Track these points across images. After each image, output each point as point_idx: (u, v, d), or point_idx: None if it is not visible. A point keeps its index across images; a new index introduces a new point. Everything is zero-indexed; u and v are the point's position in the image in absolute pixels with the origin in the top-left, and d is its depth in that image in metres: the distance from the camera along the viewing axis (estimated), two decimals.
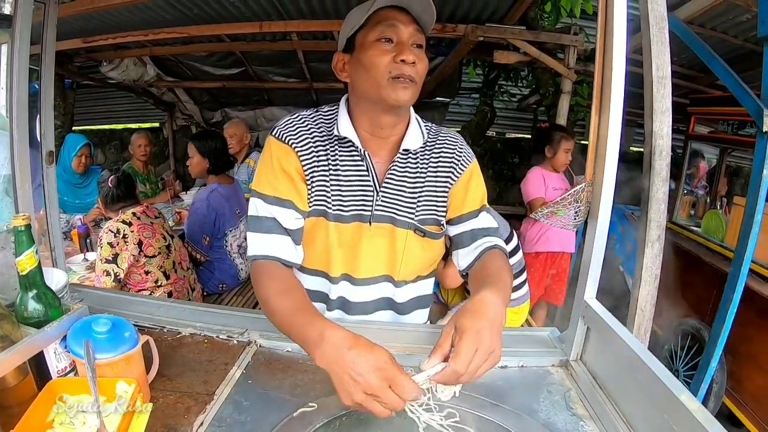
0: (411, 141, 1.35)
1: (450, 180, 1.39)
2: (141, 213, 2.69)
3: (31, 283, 1.00)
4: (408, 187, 1.36)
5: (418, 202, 1.36)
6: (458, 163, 1.40)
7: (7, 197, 1.37)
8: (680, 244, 3.92)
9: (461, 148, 1.42)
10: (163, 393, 1.05)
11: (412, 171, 1.36)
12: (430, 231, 1.39)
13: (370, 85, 1.24)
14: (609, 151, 1.15)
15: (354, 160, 1.33)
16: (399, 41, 1.22)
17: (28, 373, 0.95)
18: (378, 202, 1.34)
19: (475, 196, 1.44)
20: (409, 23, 1.22)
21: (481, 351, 0.98)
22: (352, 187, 1.33)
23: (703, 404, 0.81)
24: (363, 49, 1.24)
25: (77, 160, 3.98)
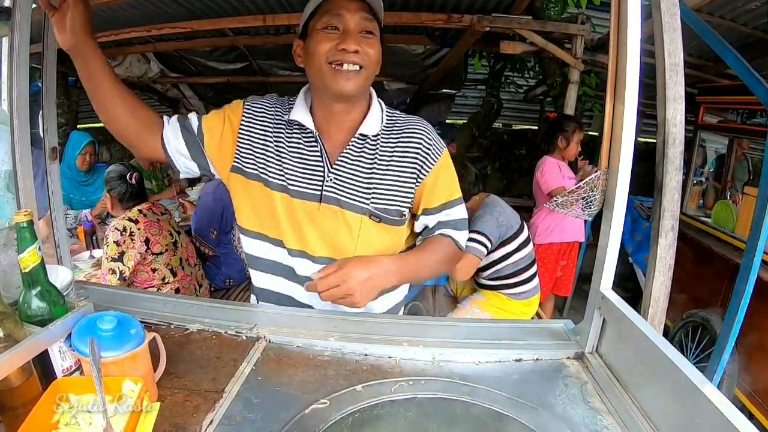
0: (369, 126, 1.36)
1: (419, 173, 1.39)
2: (147, 210, 2.68)
3: (34, 281, 0.98)
4: (362, 173, 1.36)
5: (375, 189, 1.37)
6: (427, 157, 1.39)
7: (8, 193, 1.36)
8: (690, 235, 3.88)
9: (429, 139, 1.41)
10: (170, 391, 1.03)
11: (369, 156, 1.37)
12: (388, 218, 1.39)
13: (315, 72, 1.29)
14: (624, 140, 1.12)
15: (308, 142, 1.37)
16: (345, 29, 1.24)
17: (33, 373, 0.93)
18: (328, 183, 1.35)
19: (445, 189, 1.45)
20: (356, 11, 1.24)
21: (339, 274, 1.19)
22: (303, 165, 1.37)
23: None
24: (311, 37, 1.28)
25: (82, 158, 3.98)
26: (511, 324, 1.44)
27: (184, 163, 1.41)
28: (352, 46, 1.21)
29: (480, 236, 2.66)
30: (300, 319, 1.34)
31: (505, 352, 1.22)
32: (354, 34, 1.24)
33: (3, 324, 0.89)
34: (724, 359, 2.83)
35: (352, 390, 1.05)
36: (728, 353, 2.82)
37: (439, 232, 1.45)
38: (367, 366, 1.16)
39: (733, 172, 4.09)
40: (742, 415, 0.74)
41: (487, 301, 2.91)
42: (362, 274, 1.22)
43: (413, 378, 1.11)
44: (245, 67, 5.56)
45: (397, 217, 1.40)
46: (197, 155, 1.40)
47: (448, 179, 1.45)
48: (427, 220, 1.45)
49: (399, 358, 1.19)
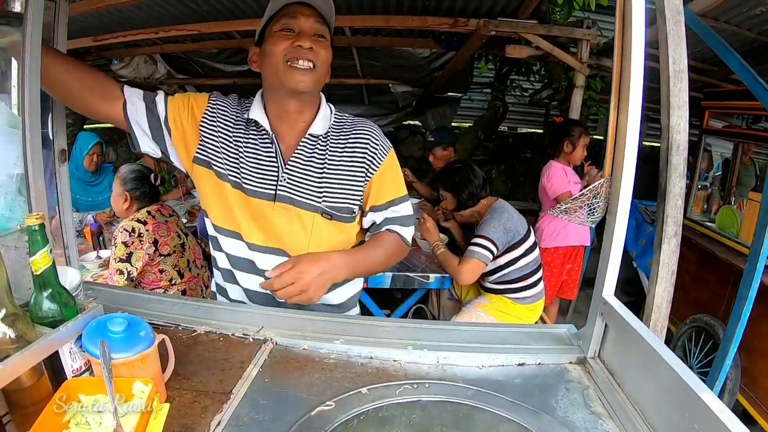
0: (318, 126, 1.45)
1: (367, 172, 1.47)
2: (155, 211, 2.70)
3: (45, 283, 0.99)
4: (314, 173, 1.44)
5: (326, 188, 1.44)
6: (375, 155, 1.48)
7: (20, 196, 1.37)
8: (694, 240, 3.88)
9: (376, 139, 1.49)
10: (179, 392, 1.04)
11: (320, 156, 1.45)
12: (339, 215, 1.46)
13: (272, 71, 1.37)
14: (628, 148, 1.13)
15: (264, 142, 1.44)
16: (300, 31, 1.34)
17: (43, 373, 0.94)
18: (282, 183, 1.42)
19: (392, 187, 1.54)
20: (310, 15, 1.36)
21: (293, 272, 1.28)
22: (258, 165, 1.43)
23: None
24: (268, 40, 1.38)
25: (89, 159, 4.00)
26: (515, 328, 1.45)
27: (146, 143, 1.48)
28: (307, 43, 1.32)
29: (486, 241, 2.68)
30: (306, 322, 1.35)
31: (508, 356, 1.23)
32: (308, 34, 1.34)
33: (15, 325, 0.90)
34: (727, 364, 2.83)
35: (358, 392, 1.07)
36: (731, 358, 2.82)
37: (386, 228, 1.54)
38: (372, 369, 1.17)
39: (737, 177, 4.09)
40: (741, 423, 0.75)
41: (492, 304, 2.93)
42: (315, 270, 1.32)
43: (417, 381, 1.12)
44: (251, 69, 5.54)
45: (348, 214, 1.47)
46: (160, 141, 1.47)
47: (395, 177, 1.55)
48: (375, 217, 1.53)
49: (404, 361, 1.20)
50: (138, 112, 1.44)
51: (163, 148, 1.48)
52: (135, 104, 1.44)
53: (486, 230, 2.71)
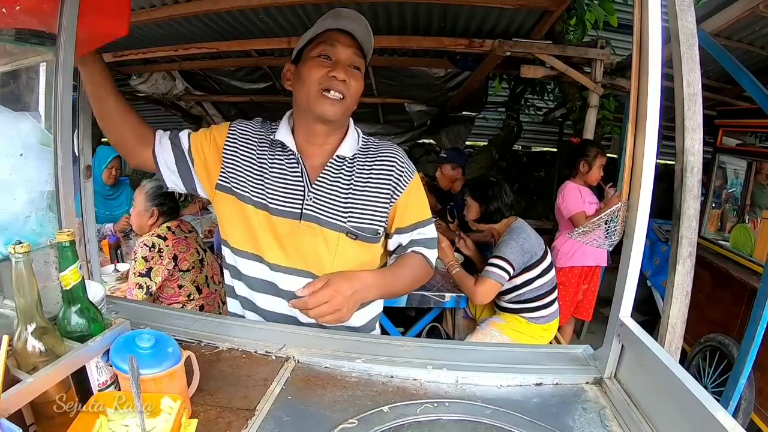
0: (346, 149, 1.48)
1: (393, 194, 1.50)
2: (176, 227, 2.74)
3: (74, 298, 1.02)
4: (340, 194, 1.46)
5: (351, 209, 1.45)
6: (400, 179, 1.51)
7: (50, 213, 1.40)
8: (708, 259, 3.86)
9: (402, 163, 1.52)
10: (203, 408, 1.07)
11: (346, 177, 1.48)
12: (364, 235, 1.47)
13: (304, 95, 1.40)
14: (645, 172, 1.16)
15: (290, 162, 1.47)
16: (336, 60, 1.39)
17: (71, 387, 0.96)
18: (308, 202, 1.44)
19: (417, 210, 1.56)
20: (349, 46, 1.40)
21: (328, 291, 1.26)
22: (284, 185, 1.46)
23: None
24: (304, 63, 1.41)
25: (108, 172, 4.05)
26: (532, 349, 1.47)
27: (171, 179, 1.54)
28: (341, 75, 1.36)
29: (503, 262, 2.69)
30: (327, 341, 1.37)
31: (526, 376, 1.25)
32: (344, 65, 1.38)
33: (44, 339, 0.93)
34: (741, 384, 2.81)
35: (380, 411, 1.08)
36: (745, 378, 2.80)
37: (412, 250, 1.55)
38: (393, 388, 1.19)
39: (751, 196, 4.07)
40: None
41: (507, 324, 2.93)
42: (348, 289, 1.32)
43: (437, 400, 1.14)
44: (268, 87, 5.65)
45: (373, 235, 1.48)
46: (185, 173, 1.52)
47: (420, 200, 1.57)
48: (401, 239, 1.55)
49: (424, 381, 1.22)
50: (164, 149, 1.51)
51: (188, 181, 1.53)
52: (162, 143, 1.51)
53: (503, 251, 2.72)
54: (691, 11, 1.26)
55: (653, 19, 1.15)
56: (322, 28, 1.40)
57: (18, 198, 1.33)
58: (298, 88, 1.43)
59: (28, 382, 0.85)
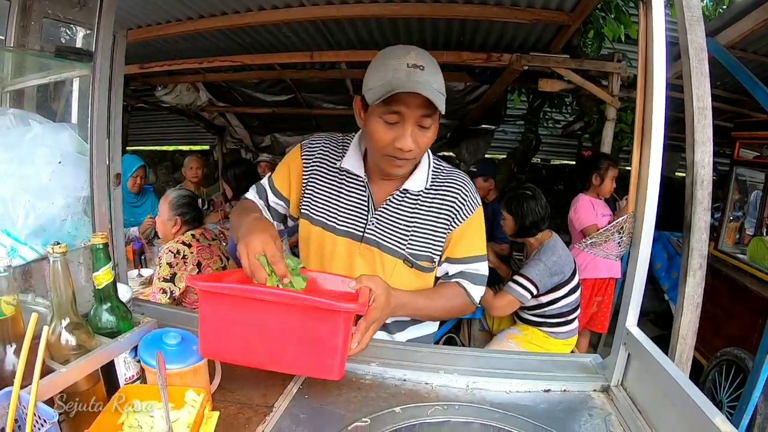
0: (413, 184, 1.46)
1: (451, 225, 1.48)
2: (200, 235, 2.82)
3: (105, 297, 1.09)
4: (402, 221, 1.46)
5: (412, 236, 1.46)
6: (460, 211, 1.48)
7: (85, 217, 1.48)
8: (725, 272, 3.84)
9: (466, 195, 1.49)
10: (224, 404, 1.12)
11: (410, 208, 1.47)
12: (420, 264, 1.48)
13: (372, 151, 1.39)
14: (650, 183, 1.19)
15: (357, 187, 1.49)
16: (403, 122, 1.26)
17: (99, 380, 1.02)
18: (370, 226, 1.46)
19: (470, 245, 1.52)
20: (417, 107, 1.24)
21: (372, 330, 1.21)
22: (349, 206, 1.48)
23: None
24: (371, 117, 1.30)
25: (132, 181, 4.18)
26: (542, 357, 1.50)
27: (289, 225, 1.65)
28: (408, 145, 1.26)
29: (527, 282, 2.67)
30: None
31: (535, 383, 1.28)
32: (410, 133, 1.27)
33: (76, 333, 1.00)
34: (755, 397, 2.78)
35: (392, 411, 1.13)
36: (759, 391, 2.77)
37: (456, 281, 1.53)
38: (405, 390, 1.24)
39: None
40: None
41: (524, 336, 2.91)
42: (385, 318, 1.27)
43: (448, 403, 1.18)
44: (291, 99, 5.72)
45: (428, 262, 1.49)
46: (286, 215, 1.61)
47: (476, 235, 1.54)
48: (449, 268, 1.54)
49: (435, 384, 1.26)
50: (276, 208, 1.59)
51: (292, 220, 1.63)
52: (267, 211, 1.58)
53: (530, 271, 2.68)
54: (700, 26, 1.28)
55: (658, 33, 1.18)
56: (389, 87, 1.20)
57: (56, 203, 1.41)
58: (367, 137, 1.37)
59: (61, 372, 0.91)
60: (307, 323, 1.02)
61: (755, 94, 3.15)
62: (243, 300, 1.04)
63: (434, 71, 1.27)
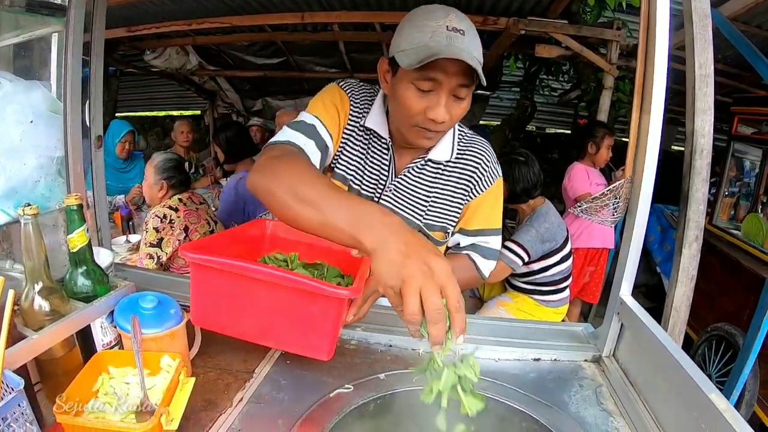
0: (438, 154, 1.37)
1: (469, 195, 1.41)
2: (187, 199, 2.77)
3: (81, 260, 1.04)
4: (422, 191, 1.39)
5: (430, 206, 1.39)
6: (480, 181, 1.41)
7: (59, 178, 1.43)
8: (719, 247, 3.83)
9: (487, 165, 1.42)
10: (204, 369, 1.09)
11: (431, 178, 1.39)
12: (434, 237, 1.41)
13: (399, 119, 1.25)
14: (649, 149, 1.14)
15: (381, 146, 1.37)
16: (438, 91, 1.14)
17: (75, 346, 0.99)
18: (386, 192, 1.38)
19: (486, 218, 1.45)
20: (455, 75, 1.11)
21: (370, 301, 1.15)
22: (373, 169, 1.38)
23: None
24: (401, 82, 1.17)
25: (121, 146, 4.12)
26: (532, 324, 1.47)
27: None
28: (441, 116, 1.15)
29: (518, 248, 2.63)
30: None
31: (525, 351, 1.26)
32: (444, 103, 1.15)
33: (50, 299, 0.95)
34: (745, 374, 2.79)
35: (376, 378, 1.10)
36: (749, 368, 2.78)
37: (466, 253, 1.46)
38: (390, 356, 1.21)
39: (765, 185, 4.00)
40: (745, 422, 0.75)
41: (515, 304, 2.90)
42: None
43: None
44: (282, 63, 5.64)
45: (442, 234, 1.42)
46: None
47: (493, 208, 1.46)
48: (461, 239, 1.47)
49: (422, 351, 1.24)
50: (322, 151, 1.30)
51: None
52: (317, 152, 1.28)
53: (522, 237, 2.65)
54: None
55: None
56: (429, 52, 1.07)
57: (28, 163, 1.35)
58: (394, 105, 1.25)
59: (33, 338, 0.88)
60: (299, 303, 0.99)
61: (757, 68, 3.09)
62: (234, 275, 0.99)
63: (474, 37, 1.15)
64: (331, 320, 1.00)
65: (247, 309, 1.03)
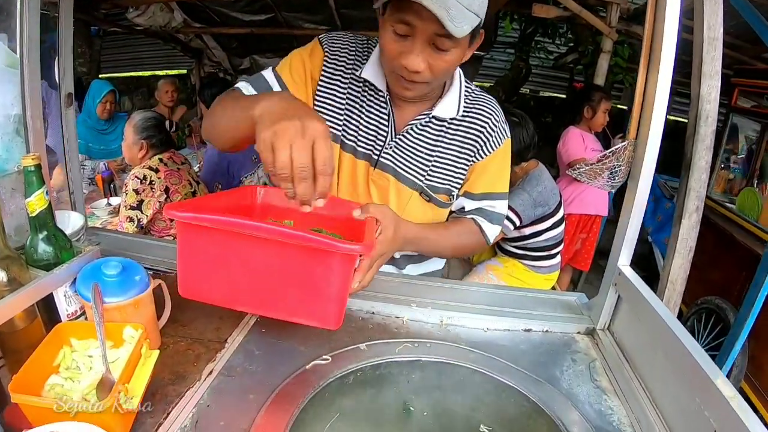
0: (442, 110, 1.29)
1: (475, 156, 1.34)
2: (168, 159, 2.69)
3: (41, 225, 0.96)
4: (425, 150, 1.31)
5: (433, 166, 1.32)
6: (487, 142, 1.34)
7: (18, 137, 1.33)
8: (713, 220, 3.79)
9: (495, 125, 1.34)
10: (174, 339, 1.03)
11: (434, 136, 1.31)
12: (438, 199, 1.34)
13: (383, 64, 1.21)
14: (656, 110, 1.06)
15: (379, 101, 1.28)
16: (413, 37, 1.05)
17: (37, 317, 0.93)
18: (387, 149, 1.29)
19: (492, 181, 1.39)
20: (430, 22, 1.00)
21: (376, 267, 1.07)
22: (370, 125, 1.30)
23: None
24: (384, 24, 1.10)
25: (102, 107, 4.00)
26: (524, 292, 1.41)
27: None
28: (413, 65, 1.07)
29: (510, 212, 2.56)
30: None
31: (515, 321, 1.20)
32: (420, 51, 1.06)
33: (8, 268, 0.89)
34: (736, 350, 2.78)
35: (356, 348, 1.05)
36: (740, 344, 2.77)
37: (471, 217, 1.39)
38: (373, 324, 1.16)
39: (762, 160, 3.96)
40: (753, 413, 0.69)
41: (505, 269, 2.85)
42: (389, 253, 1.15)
43: (419, 340, 1.10)
44: (270, 19, 5.45)
45: (447, 196, 1.36)
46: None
47: (500, 171, 1.40)
48: (466, 203, 1.40)
49: (406, 319, 1.18)
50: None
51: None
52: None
53: (513, 200, 2.55)
54: None
55: None
56: None
57: None
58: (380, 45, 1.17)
59: None
60: (304, 264, 0.87)
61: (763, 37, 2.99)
62: (227, 235, 0.87)
63: None
64: (340, 283, 0.89)
65: (244, 275, 0.91)
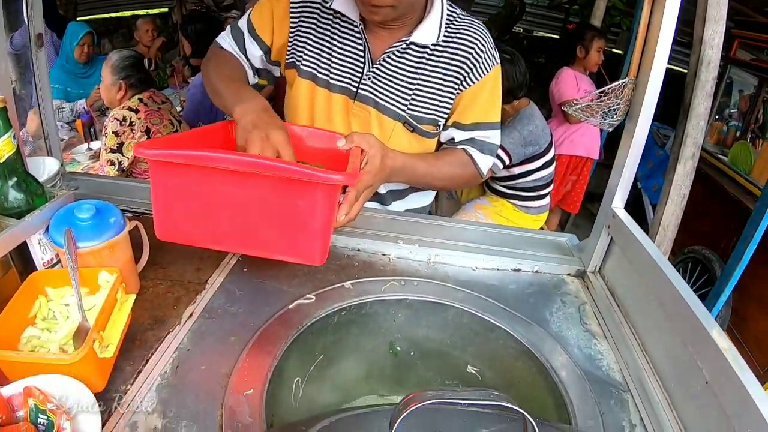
0: (420, 36, 1.22)
1: (462, 84, 1.27)
2: (148, 99, 2.60)
3: (10, 171, 0.91)
4: (404, 78, 1.25)
5: (414, 95, 1.26)
6: (474, 69, 1.26)
7: None
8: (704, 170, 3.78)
9: (482, 50, 1.26)
10: (153, 282, 1.00)
11: (414, 63, 1.25)
12: (423, 129, 1.30)
13: None
14: (660, 47, 0.99)
15: (352, 32, 1.25)
16: None
17: (11, 267, 0.89)
18: (365, 80, 1.25)
19: (483, 110, 1.32)
20: None
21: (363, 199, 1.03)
22: (344, 57, 1.26)
23: None
24: None
25: (80, 50, 3.85)
26: (514, 231, 1.38)
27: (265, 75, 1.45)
28: None
29: (500, 151, 2.50)
30: None
31: (504, 260, 1.18)
32: None
33: None
34: (721, 301, 2.80)
35: (341, 287, 1.02)
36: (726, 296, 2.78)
37: (463, 148, 1.34)
38: (358, 262, 1.13)
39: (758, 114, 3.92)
40: (748, 368, 0.65)
41: (493, 208, 2.85)
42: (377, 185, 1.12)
43: (406, 278, 1.08)
44: None
45: (431, 126, 1.31)
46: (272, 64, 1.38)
47: (491, 99, 1.33)
48: (456, 134, 1.34)
49: (393, 256, 1.16)
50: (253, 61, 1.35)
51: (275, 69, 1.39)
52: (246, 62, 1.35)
53: (504, 139, 2.48)
54: None
55: None
56: None
57: None
58: None
59: None
60: (282, 198, 0.82)
61: None
62: (202, 171, 0.82)
63: None
64: (324, 216, 0.84)
65: (222, 212, 0.86)
